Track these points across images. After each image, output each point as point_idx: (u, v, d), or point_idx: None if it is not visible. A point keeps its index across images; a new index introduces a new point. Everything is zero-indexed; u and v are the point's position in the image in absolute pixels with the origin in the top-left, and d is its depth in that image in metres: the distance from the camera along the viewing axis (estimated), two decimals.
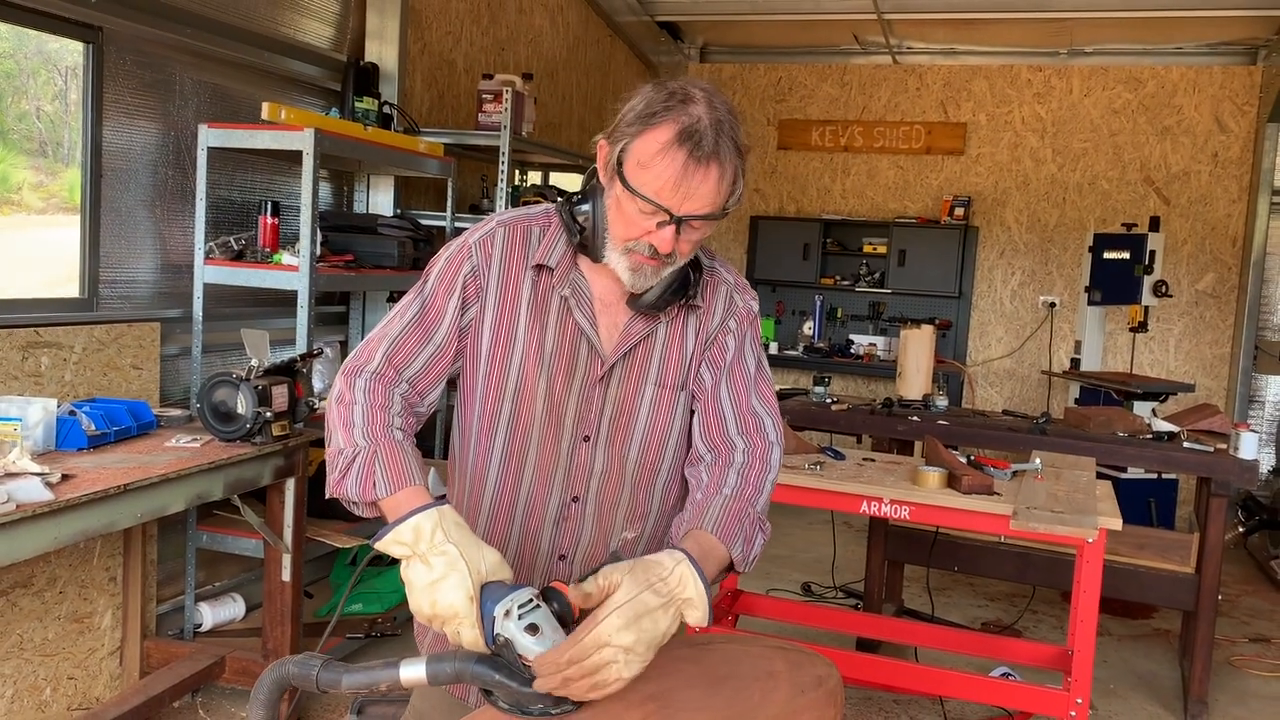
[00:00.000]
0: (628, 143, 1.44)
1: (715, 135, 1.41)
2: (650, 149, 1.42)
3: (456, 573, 1.26)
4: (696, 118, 1.41)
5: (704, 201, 1.43)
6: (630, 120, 1.45)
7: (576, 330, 1.58)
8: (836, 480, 3.30)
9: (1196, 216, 7.24)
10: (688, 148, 1.40)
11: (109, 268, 3.41)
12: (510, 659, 1.23)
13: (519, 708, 1.23)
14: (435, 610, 1.26)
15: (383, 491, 1.39)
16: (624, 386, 1.61)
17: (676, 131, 1.41)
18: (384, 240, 4.08)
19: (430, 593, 1.26)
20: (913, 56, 7.81)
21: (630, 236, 1.48)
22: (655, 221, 1.44)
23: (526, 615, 1.23)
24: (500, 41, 5.55)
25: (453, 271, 1.57)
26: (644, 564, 1.30)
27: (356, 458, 1.42)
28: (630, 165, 1.44)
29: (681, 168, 1.41)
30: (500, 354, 1.58)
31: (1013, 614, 4.91)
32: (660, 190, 1.42)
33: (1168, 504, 5.26)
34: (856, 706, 3.83)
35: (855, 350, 7.67)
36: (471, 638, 1.25)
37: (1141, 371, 7.08)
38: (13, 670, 2.99)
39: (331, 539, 3.60)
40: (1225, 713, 4.02)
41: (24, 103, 3.41)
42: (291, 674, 1.28)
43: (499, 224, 1.61)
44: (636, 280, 1.52)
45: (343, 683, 1.26)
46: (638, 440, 1.62)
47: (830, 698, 1.44)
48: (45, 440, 2.69)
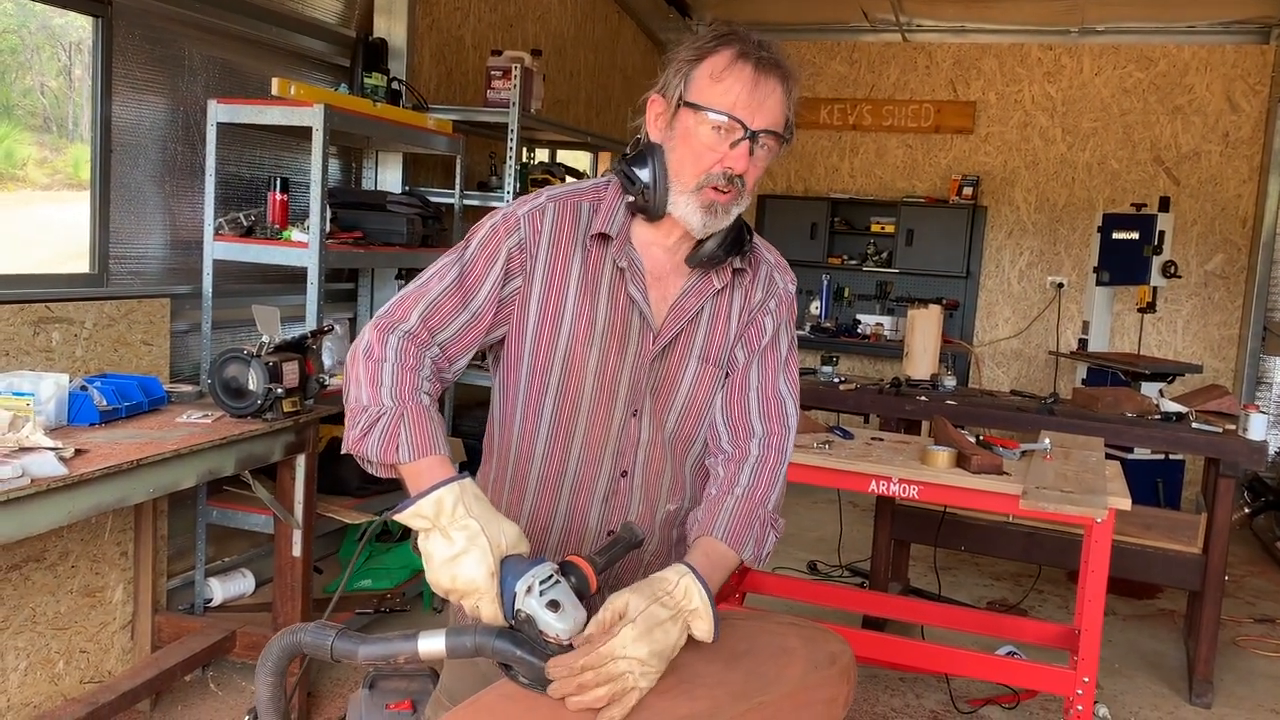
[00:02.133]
0: (689, 71, 1.49)
1: (771, 52, 1.49)
2: (718, 65, 1.47)
3: (477, 548, 1.27)
4: (748, 39, 1.49)
5: (773, 115, 1.49)
6: (686, 58, 1.50)
7: (629, 303, 1.59)
8: (845, 459, 3.31)
9: (1206, 197, 7.21)
10: (753, 61, 1.47)
11: (119, 243, 3.41)
12: (531, 635, 1.24)
13: (539, 683, 1.23)
14: (455, 584, 1.27)
15: (405, 456, 1.38)
16: (669, 360, 1.62)
17: (738, 49, 1.48)
18: (393, 217, 4.08)
19: (450, 567, 1.27)
20: (922, 34, 7.75)
21: (704, 168, 1.50)
22: (729, 142, 1.48)
23: (548, 591, 1.24)
24: (509, 18, 5.53)
25: (497, 241, 1.56)
26: (649, 581, 1.35)
27: (381, 418, 1.39)
28: (698, 87, 1.48)
29: (751, 77, 1.47)
30: (548, 328, 1.58)
31: (1019, 593, 4.93)
32: (735, 104, 1.47)
33: (1175, 485, 5.26)
34: (863, 684, 3.84)
35: (862, 330, 7.66)
36: (491, 613, 1.26)
37: (1149, 352, 7.07)
38: (25, 643, 3.01)
39: (341, 515, 3.62)
40: (1230, 692, 4.03)
41: (28, 78, 3.40)
42: (304, 642, 1.28)
43: (549, 199, 1.61)
44: (709, 220, 1.53)
45: (359, 653, 1.26)
46: (676, 411, 1.63)
47: (844, 674, 1.46)
48: (57, 415, 2.69)
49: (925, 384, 4.65)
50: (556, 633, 1.22)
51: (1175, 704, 3.91)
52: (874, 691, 3.81)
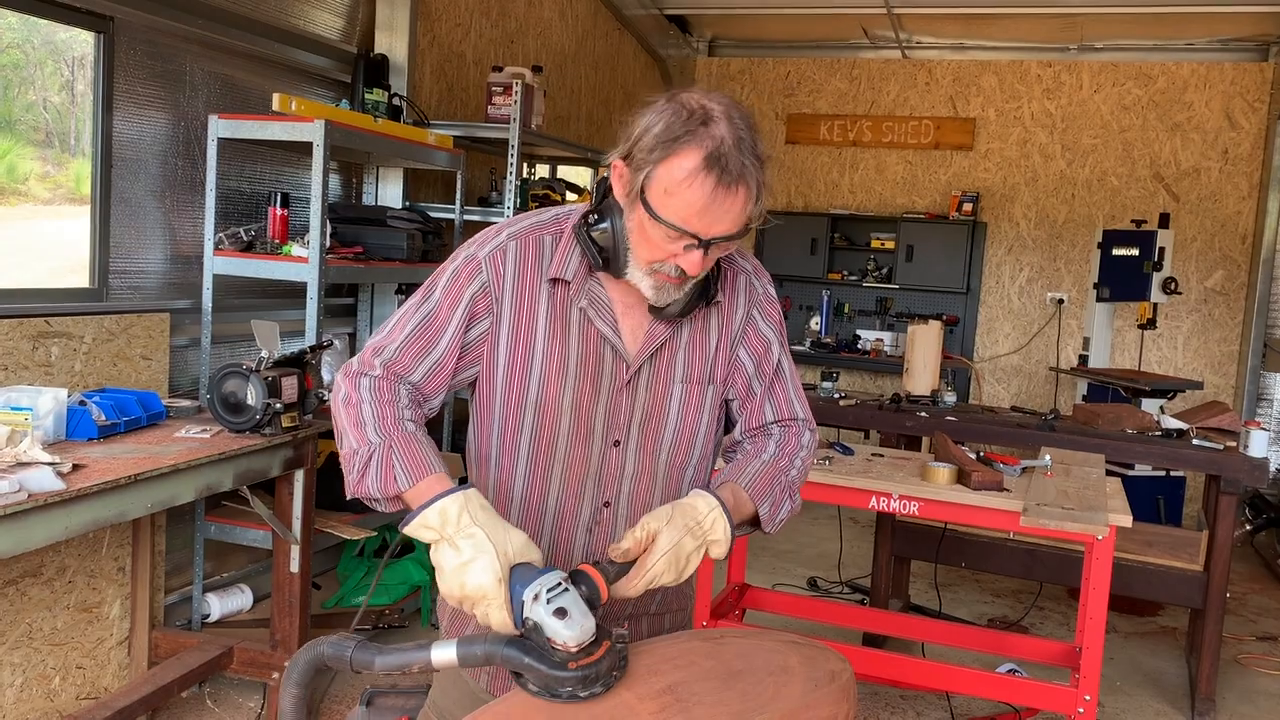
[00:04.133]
0: (650, 170, 1.40)
1: (740, 156, 1.38)
2: (675, 176, 1.38)
3: (484, 555, 1.28)
4: (720, 139, 1.38)
5: (731, 222, 1.42)
6: (650, 145, 1.40)
7: (599, 338, 1.57)
8: (845, 475, 3.30)
9: (1206, 213, 7.22)
10: (715, 173, 1.37)
11: (119, 258, 3.41)
12: (539, 642, 1.24)
13: (548, 691, 1.24)
14: (465, 592, 1.28)
15: (404, 483, 1.39)
16: (653, 388, 1.60)
17: (702, 157, 1.37)
18: (393, 232, 4.08)
19: (460, 575, 1.28)
20: (922, 51, 7.78)
21: (655, 259, 1.46)
22: (682, 245, 1.42)
23: (555, 599, 1.25)
24: (509, 34, 5.55)
25: (460, 285, 1.54)
26: (681, 509, 1.43)
27: (373, 455, 1.41)
28: (655, 192, 1.40)
29: (710, 194, 1.38)
30: (519, 368, 1.56)
31: (1019, 610, 4.91)
32: (689, 218, 1.40)
33: (1176, 502, 5.25)
34: (863, 702, 3.82)
35: (862, 346, 7.66)
36: (500, 619, 1.27)
37: (1150, 368, 7.07)
38: (22, 659, 3.00)
39: (340, 530, 3.61)
40: (1232, 710, 4.01)
41: (31, 93, 3.41)
42: (326, 654, 1.29)
43: (509, 236, 1.57)
44: (660, 297, 1.51)
45: (376, 664, 1.27)
46: (668, 439, 1.62)
47: (843, 692, 1.44)
48: (56, 430, 2.69)
49: (925, 400, 4.64)
50: (564, 640, 1.22)
51: None
52: (874, 709, 3.79)
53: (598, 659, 1.24)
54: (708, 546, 1.44)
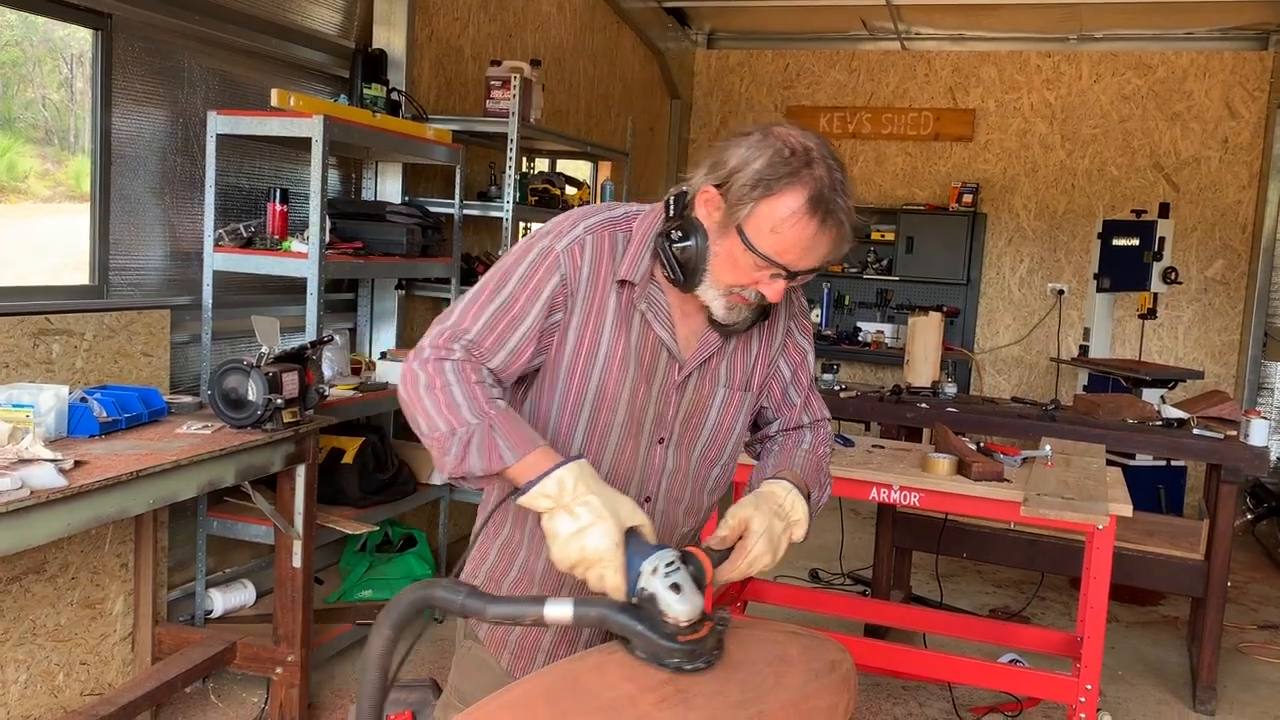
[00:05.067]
0: (753, 205, 1.46)
1: (839, 198, 1.46)
2: (780, 214, 1.45)
3: (602, 520, 1.36)
4: (821, 180, 1.45)
5: (819, 259, 1.50)
6: (752, 181, 1.45)
7: (657, 340, 1.62)
8: (845, 467, 3.31)
9: (1206, 203, 7.21)
10: (819, 216, 1.45)
11: (119, 255, 3.41)
12: (652, 613, 1.31)
13: (656, 659, 1.30)
14: (583, 555, 1.35)
15: (510, 459, 1.43)
16: (699, 391, 1.67)
17: (807, 199, 1.44)
18: (392, 227, 4.08)
19: (578, 539, 1.35)
20: (921, 42, 7.77)
21: (738, 284, 1.53)
22: (769, 274, 1.50)
23: (671, 574, 1.32)
24: (507, 28, 5.54)
25: (539, 278, 1.56)
26: (765, 497, 1.56)
27: (473, 435, 1.44)
28: (757, 227, 1.47)
29: (813, 235, 1.46)
30: (583, 362, 1.60)
31: (1021, 601, 4.92)
32: (786, 253, 1.47)
33: (1177, 491, 5.25)
34: (865, 693, 3.83)
35: (863, 338, 7.66)
36: (615, 583, 1.34)
37: (1150, 358, 7.06)
38: (26, 656, 3.01)
39: (342, 525, 3.61)
40: (1233, 699, 4.02)
41: (30, 91, 3.41)
42: (438, 597, 1.31)
43: (586, 230, 1.59)
44: (731, 317, 1.58)
45: (489, 611, 1.30)
46: (704, 439, 1.70)
47: (843, 682, 1.45)
48: (57, 427, 2.69)
49: (926, 391, 4.65)
50: (675, 614, 1.29)
51: (1179, 711, 3.90)
52: (876, 700, 3.80)
53: (703, 636, 1.31)
54: (791, 528, 1.55)
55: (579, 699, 1.25)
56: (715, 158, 1.52)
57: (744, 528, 1.51)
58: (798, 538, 1.57)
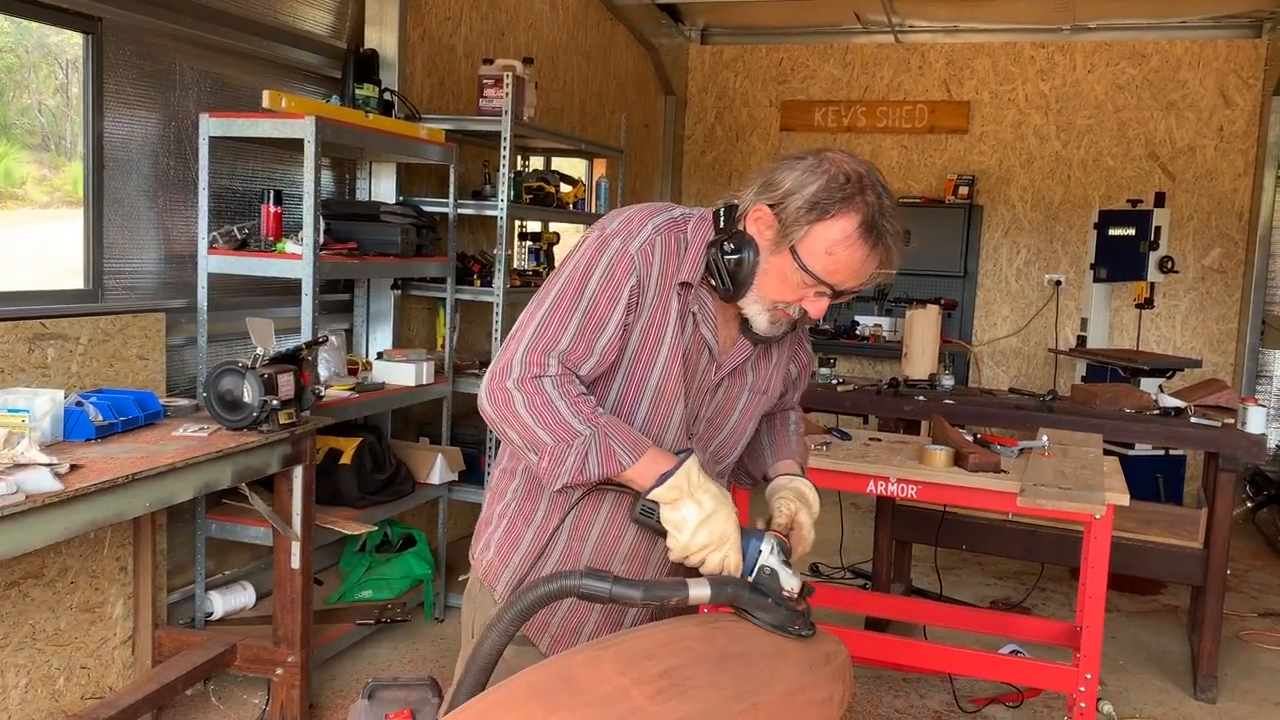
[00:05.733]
0: (808, 227, 1.54)
1: (889, 223, 1.55)
2: (833, 236, 1.54)
3: (725, 506, 1.54)
4: (873, 206, 1.54)
5: (865, 279, 1.60)
6: (807, 204, 1.53)
7: (702, 341, 1.68)
8: (843, 460, 3.30)
9: (1202, 191, 7.21)
10: (871, 240, 1.54)
11: (113, 259, 3.41)
12: (772, 587, 1.51)
13: (783, 628, 1.47)
14: (711, 537, 1.52)
15: (628, 462, 1.54)
16: (728, 393, 1.75)
17: (860, 223, 1.53)
18: (387, 227, 4.08)
19: (708, 524, 1.52)
20: (915, 35, 7.76)
21: (784, 299, 1.61)
22: (814, 292, 1.59)
23: (781, 553, 1.56)
24: (500, 26, 5.53)
25: (617, 281, 1.60)
26: (801, 495, 1.78)
27: (590, 444, 1.53)
28: (810, 248, 1.55)
29: (864, 258, 1.55)
30: (645, 360, 1.64)
31: (1021, 592, 4.92)
32: (837, 273, 1.56)
33: (1176, 480, 5.25)
34: (866, 685, 3.84)
35: (861, 331, 7.65)
36: (737, 560, 1.53)
37: (1148, 348, 7.07)
38: (26, 660, 3.01)
39: (340, 526, 3.61)
40: (1234, 687, 4.02)
41: (25, 97, 3.41)
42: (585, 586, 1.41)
43: (655, 230, 1.63)
44: (772, 330, 1.67)
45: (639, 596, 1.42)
46: (720, 438, 1.78)
47: (839, 674, 1.45)
48: (53, 431, 2.69)
49: (924, 384, 4.65)
50: (791, 586, 1.51)
51: (1180, 699, 3.90)
52: (877, 692, 3.80)
53: (809, 605, 1.54)
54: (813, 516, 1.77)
55: (572, 693, 1.25)
56: (767, 178, 1.59)
57: (793, 519, 1.72)
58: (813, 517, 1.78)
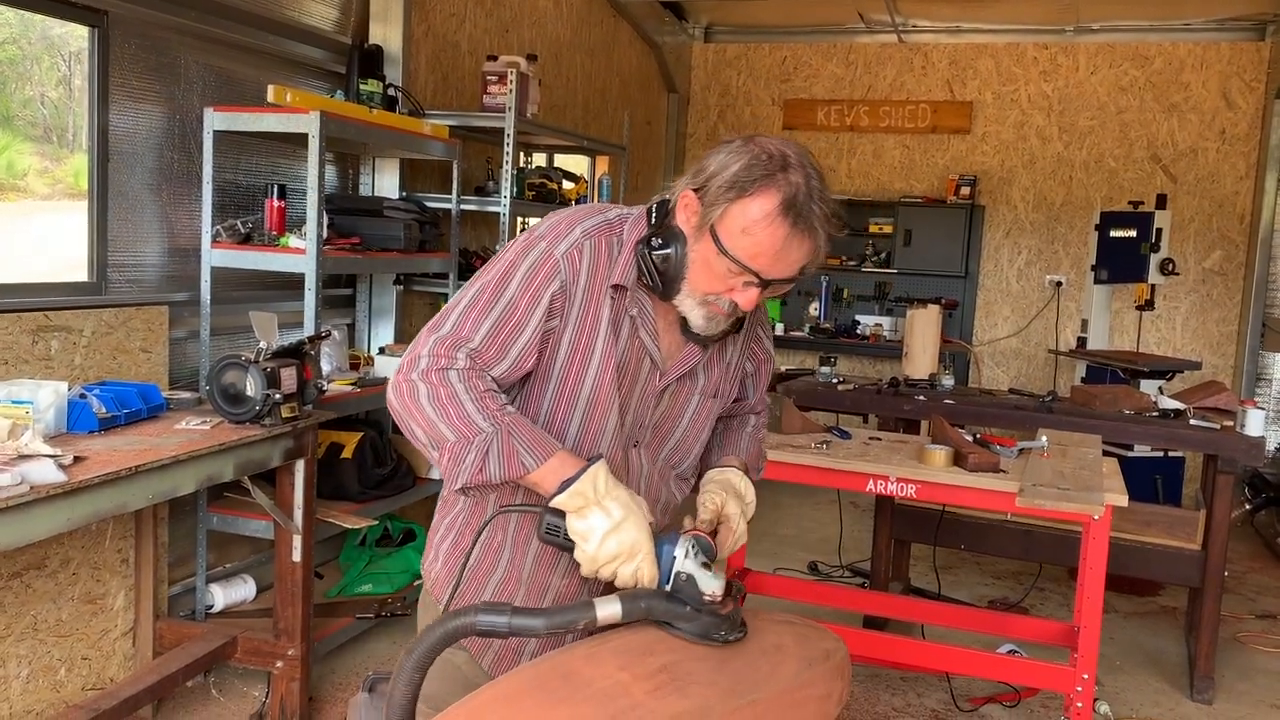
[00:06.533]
0: (726, 206, 1.46)
1: (815, 205, 1.45)
2: (752, 215, 1.45)
3: (634, 514, 1.44)
4: (796, 186, 1.44)
5: (795, 267, 1.50)
6: (727, 183, 1.46)
7: (642, 347, 1.62)
8: (843, 459, 3.31)
9: (1204, 194, 7.21)
10: (791, 219, 1.44)
11: (117, 252, 3.42)
12: (691, 593, 1.41)
13: (706, 635, 1.40)
14: (620, 549, 1.42)
15: (532, 463, 1.46)
16: (675, 398, 1.69)
17: (780, 201, 1.44)
18: (390, 223, 4.09)
19: (616, 533, 1.42)
20: (918, 35, 7.76)
21: (713, 291, 1.53)
22: (742, 281, 1.50)
23: (698, 555, 1.45)
24: (504, 23, 5.54)
25: (538, 284, 1.54)
26: (728, 486, 1.68)
27: (491, 442, 1.45)
28: (728, 229, 1.46)
29: (784, 239, 1.45)
30: (576, 367, 1.59)
31: (1019, 592, 4.93)
32: (758, 257, 1.47)
33: (1174, 481, 5.26)
34: (863, 684, 3.85)
35: (861, 331, 7.67)
36: (651, 571, 1.43)
37: (1148, 350, 7.07)
38: (28, 651, 3.02)
39: (341, 520, 3.62)
40: (1231, 688, 4.03)
41: (28, 89, 3.42)
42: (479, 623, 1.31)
43: (584, 234, 1.57)
44: (709, 327, 1.59)
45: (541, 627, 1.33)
46: (670, 444, 1.73)
47: (837, 671, 1.46)
48: (56, 423, 2.70)
49: (924, 383, 4.65)
50: (712, 590, 1.40)
51: (1176, 700, 3.91)
52: (875, 691, 3.82)
53: (735, 606, 1.43)
54: (747, 509, 1.69)
55: (572, 688, 1.26)
56: (698, 165, 1.52)
57: (719, 513, 1.63)
58: (749, 516, 1.69)
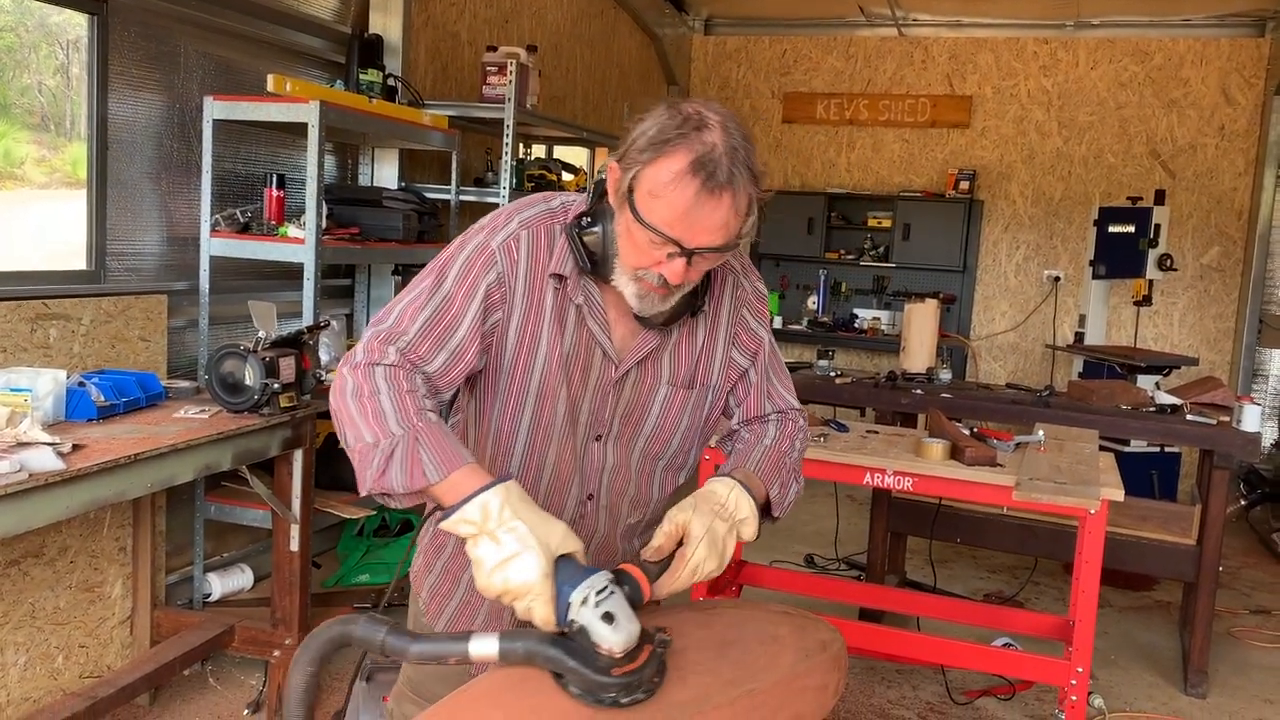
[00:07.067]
0: (639, 170, 1.38)
1: (730, 163, 1.36)
2: (662, 178, 1.36)
3: (529, 550, 1.25)
4: (710, 145, 1.36)
5: (716, 233, 1.39)
6: (642, 146, 1.38)
7: (590, 337, 1.56)
8: (840, 452, 3.32)
9: (1202, 190, 7.22)
10: (701, 177, 1.35)
11: (116, 240, 3.42)
12: (584, 645, 1.21)
13: (591, 695, 1.21)
14: (508, 587, 1.25)
15: (434, 476, 1.33)
16: (638, 388, 1.60)
17: (690, 160, 1.35)
18: (389, 213, 4.09)
19: (503, 570, 1.25)
20: (918, 28, 7.75)
21: (640, 265, 1.44)
22: (666, 252, 1.40)
23: (603, 603, 1.23)
24: (504, 13, 5.53)
25: (474, 275, 1.51)
26: (704, 497, 1.46)
27: (396, 448, 1.34)
28: (641, 194, 1.38)
29: (693, 198, 1.35)
30: (523, 362, 1.55)
31: (1014, 585, 4.94)
32: (671, 221, 1.37)
33: (1170, 477, 5.27)
34: (859, 676, 3.86)
35: (859, 324, 7.67)
36: (544, 615, 1.25)
37: (1145, 345, 7.08)
38: (25, 638, 3.02)
39: (339, 510, 3.63)
40: (1225, 683, 4.05)
41: (25, 77, 3.41)
42: (356, 635, 1.25)
43: (521, 224, 1.54)
44: (644, 307, 1.49)
45: (411, 651, 1.24)
46: (646, 434, 1.63)
47: (834, 662, 1.47)
48: (55, 411, 2.70)
49: (921, 377, 4.66)
50: (609, 646, 1.20)
51: (1170, 694, 3.93)
52: (870, 683, 3.83)
53: (641, 665, 1.22)
54: (738, 528, 1.46)
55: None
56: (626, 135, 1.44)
57: (682, 532, 1.41)
58: (747, 536, 1.49)
